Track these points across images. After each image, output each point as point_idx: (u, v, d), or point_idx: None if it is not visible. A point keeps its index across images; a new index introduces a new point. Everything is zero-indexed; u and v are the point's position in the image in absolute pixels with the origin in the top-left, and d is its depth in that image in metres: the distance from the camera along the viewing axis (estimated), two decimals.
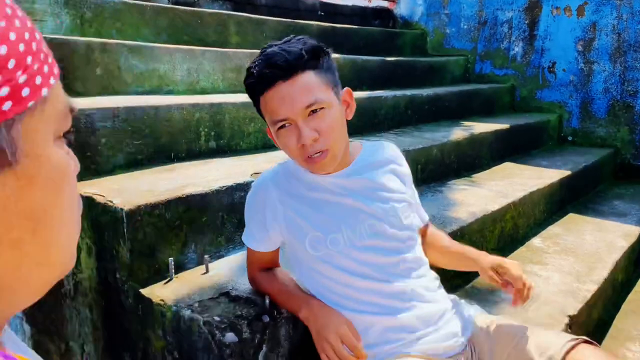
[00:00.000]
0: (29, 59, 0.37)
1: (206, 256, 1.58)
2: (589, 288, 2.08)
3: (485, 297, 1.95)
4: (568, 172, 3.12)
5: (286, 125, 1.13)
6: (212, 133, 2.21)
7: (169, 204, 1.55)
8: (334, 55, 3.66)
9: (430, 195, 2.49)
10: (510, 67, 4.38)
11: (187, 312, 1.32)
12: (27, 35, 0.38)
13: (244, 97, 2.46)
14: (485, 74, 4.54)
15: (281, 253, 1.39)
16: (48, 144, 0.40)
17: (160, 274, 1.53)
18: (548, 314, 1.84)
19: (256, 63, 1.13)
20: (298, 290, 1.29)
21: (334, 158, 1.18)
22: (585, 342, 1.17)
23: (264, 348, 1.30)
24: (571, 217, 2.98)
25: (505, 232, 2.47)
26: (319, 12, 4.56)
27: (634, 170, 3.85)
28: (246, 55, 2.87)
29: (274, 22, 3.57)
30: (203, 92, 2.65)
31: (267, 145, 2.45)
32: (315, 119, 1.12)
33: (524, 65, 4.31)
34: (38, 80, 0.38)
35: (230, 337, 1.24)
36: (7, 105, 0.35)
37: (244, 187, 1.78)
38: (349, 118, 1.23)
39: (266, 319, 1.30)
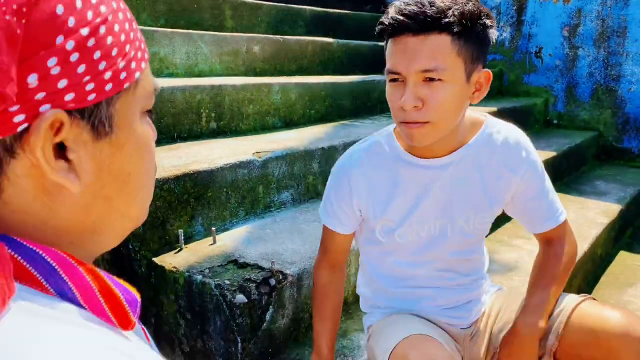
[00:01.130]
0: (128, 47, 0.46)
1: (213, 228, 1.68)
2: None
3: None
4: (553, 154, 3.25)
5: (398, 79, 1.00)
6: (213, 114, 2.30)
7: (178, 179, 1.65)
8: (327, 40, 3.73)
9: None
10: (499, 52, 4.49)
11: (199, 277, 1.42)
12: (127, 26, 0.46)
13: (242, 80, 2.56)
14: None
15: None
16: (136, 118, 0.49)
17: (170, 245, 1.63)
18: None
19: (397, 5, 0.99)
20: (328, 331, 1.23)
21: (434, 133, 1.03)
22: (592, 299, 1.22)
23: (271, 309, 1.41)
24: None
25: None
26: None
27: (616, 152, 3.99)
28: (242, 39, 2.94)
29: (268, 7, 3.64)
30: (201, 74, 2.73)
31: (266, 127, 2.54)
32: (427, 87, 0.98)
33: (512, 51, 4.42)
34: (133, 65, 0.46)
35: (240, 298, 1.35)
36: (109, 86, 0.44)
37: (246, 165, 1.88)
38: (474, 102, 1.07)
39: (273, 282, 1.41)
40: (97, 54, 0.42)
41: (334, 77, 3.17)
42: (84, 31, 0.41)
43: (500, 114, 3.62)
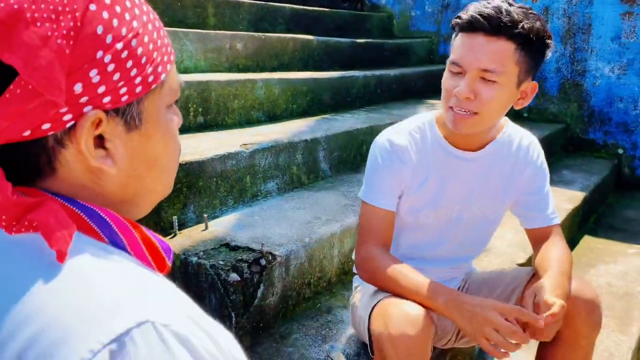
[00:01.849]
0: (155, 54, 0.55)
1: (205, 215, 1.79)
2: None
3: None
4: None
5: (460, 74, 1.14)
6: (200, 109, 2.40)
7: None
8: (307, 37, 3.85)
9: None
10: None
11: (194, 259, 1.54)
12: (155, 35, 0.56)
13: (227, 76, 2.67)
14: (448, 56, 4.79)
15: None
16: (162, 112, 0.59)
17: (165, 231, 1.74)
18: (501, 263, 2.13)
19: (477, 5, 1.13)
20: (433, 281, 1.17)
21: (477, 125, 1.17)
22: None
23: (262, 287, 1.53)
24: None
25: None
26: None
27: (582, 143, 4.20)
28: (226, 37, 3.04)
29: (249, 4, 3.74)
30: (186, 71, 2.83)
31: (250, 121, 2.66)
32: (481, 84, 1.11)
33: None
34: (159, 69, 0.56)
35: (233, 277, 1.47)
36: (139, 88, 0.54)
37: (234, 156, 1.99)
38: (517, 108, 1.22)
39: (263, 262, 1.54)
40: (129, 63, 0.53)
41: (314, 73, 3.29)
42: (119, 45, 0.52)
43: None
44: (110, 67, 0.51)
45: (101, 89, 0.51)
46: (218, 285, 1.49)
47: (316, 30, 4.06)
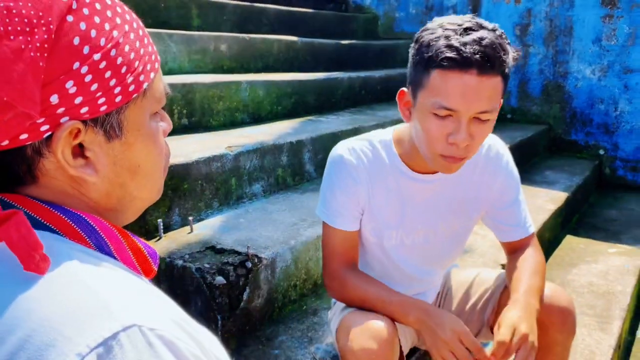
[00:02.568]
0: (137, 63, 0.55)
1: (190, 217, 1.79)
2: None
3: None
4: (507, 146, 3.46)
5: (450, 116, 1.03)
6: (185, 111, 2.39)
7: None
8: (292, 38, 3.86)
9: None
10: None
11: (179, 262, 1.53)
12: (137, 44, 0.55)
13: (212, 78, 2.66)
14: None
15: None
16: (144, 120, 0.58)
17: (150, 234, 1.73)
18: (484, 263, 2.16)
19: (462, 37, 0.99)
20: (402, 295, 1.18)
21: (466, 160, 1.12)
22: None
23: (247, 289, 1.53)
24: None
25: None
26: None
27: (565, 144, 4.26)
28: (210, 38, 3.04)
29: (233, 6, 3.73)
30: (170, 73, 2.81)
31: (235, 123, 2.65)
32: (477, 125, 1.03)
33: None
34: (141, 77, 0.55)
35: (219, 280, 1.47)
36: (118, 98, 0.54)
37: (219, 158, 1.99)
38: None
39: (249, 265, 1.54)
40: (108, 74, 0.52)
41: (299, 75, 3.29)
42: (97, 56, 0.51)
43: None
44: (88, 78, 0.51)
45: (78, 100, 0.51)
46: (204, 289, 1.48)
47: (301, 32, 4.06)
